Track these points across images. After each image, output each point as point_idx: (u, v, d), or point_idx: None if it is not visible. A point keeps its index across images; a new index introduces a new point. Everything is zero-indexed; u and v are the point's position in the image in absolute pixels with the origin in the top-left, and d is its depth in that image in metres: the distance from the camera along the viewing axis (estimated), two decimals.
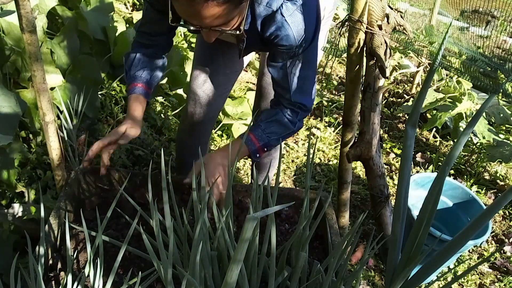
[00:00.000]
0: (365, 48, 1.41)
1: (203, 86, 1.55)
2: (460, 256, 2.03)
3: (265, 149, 1.28)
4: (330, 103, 3.17)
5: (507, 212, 2.41)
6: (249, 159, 2.47)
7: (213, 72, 1.53)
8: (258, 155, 1.28)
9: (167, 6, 1.00)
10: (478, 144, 2.73)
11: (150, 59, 1.33)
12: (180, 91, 2.52)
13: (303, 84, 1.22)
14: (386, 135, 3.00)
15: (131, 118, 1.28)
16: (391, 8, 1.40)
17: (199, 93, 1.56)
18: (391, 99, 3.41)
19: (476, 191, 2.52)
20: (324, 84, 3.41)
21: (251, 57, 1.73)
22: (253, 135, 1.25)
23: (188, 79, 2.40)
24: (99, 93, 2.16)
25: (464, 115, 2.79)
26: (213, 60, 1.53)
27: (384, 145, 2.86)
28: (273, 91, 1.61)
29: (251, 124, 1.29)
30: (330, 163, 2.59)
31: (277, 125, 1.27)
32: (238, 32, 1.01)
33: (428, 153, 2.84)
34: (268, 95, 1.64)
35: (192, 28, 0.98)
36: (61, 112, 1.71)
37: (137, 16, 2.93)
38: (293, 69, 1.18)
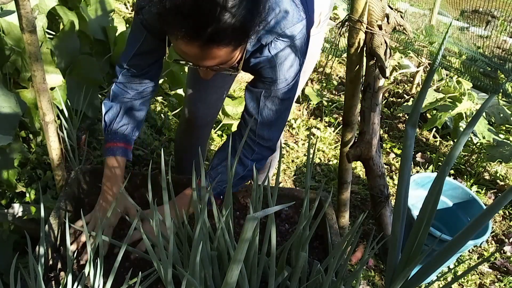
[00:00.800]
0: (365, 48, 1.41)
1: (199, 90, 1.54)
2: (460, 256, 2.03)
3: (221, 197, 1.21)
4: (330, 103, 3.17)
5: (507, 212, 2.41)
6: None
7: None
8: (219, 204, 1.20)
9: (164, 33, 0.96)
10: (478, 144, 2.73)
11: (135, 108, 1.25)
12: (180, 91, 2.52)
13: (273, 119, 1.16)
14: (386, 135, 3.00)
15: (107, 199, 1.19)
16: (391, 8, 1.40)
17: (194, 97, 1.55)
18: (391, 99, 3.41)
19: (476, 191, 2.52)
20: (324, 84, 3.41)
21: None
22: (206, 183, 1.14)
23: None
24: (99, 93, 2.16)
25: (464, 115, 2.79)
26: None
27: (384, 145, 2.86)
28: None
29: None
30: (330, 163, 2.59)
31: (227, 173, 1.19)
32: (236, 71, 1.00)
33: (428, 153, 2.84)
34: None
35: (189, 65, 0.96)
36: (61, 112, 1.71)
37: None
38: (267, 102, 1.14)
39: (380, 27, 1.36)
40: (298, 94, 1.53)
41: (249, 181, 1.37)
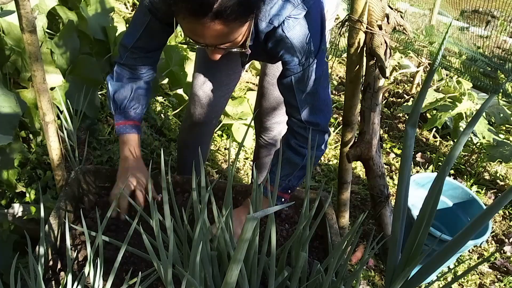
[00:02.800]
0: (365, 48, 1.41)
1: (203, 86, 1.55)
2: (460, 256, 2.03)
3: (289, 191, 1.23)
4: None
5: (507, 212, 2.41)
6: (249, 159, 2.47)
7: (216, 72, 1.52)
8: (283, 199, 1.23)
9: (172, 18, 0.99)
10: (478, 144, 2.73)
11: (141, 87, 1.29)
12: (180, 91, 2.52)
13: (314, 101, 1.16)
14: (386, 135, 3.00)
15: (140, 163, 1.30)
16: (391, 8, 1.40)
17: (199, 93, 1.56)
18: (391, 99, 3.41)
19: (476, 191, 2.52)
20: None
21: None
22: (270, 185, 1.16)
23: (188, 79, 2.40)
24: (99, 93, 2.16)
25: (464, 115, 2.79)
26: (215, 61, 1.53)
27: (384, 145, 2.86)
28: (274, 91, 1.61)
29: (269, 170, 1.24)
30: (330, 163, 2.59)
31: (288, 166, 1.21)
32: (243, 49, 1.01)
33: (428, 153, 2.84)
34: (269, 95, 1.64)
35: (197, 46, 0.98)
36: (61, 112, 1.71)
37: None
38: (300, 86, 1.14)
39: (380, 27, 1.36)
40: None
41: (250, 182, 1.37)
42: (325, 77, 1.17)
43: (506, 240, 2.22)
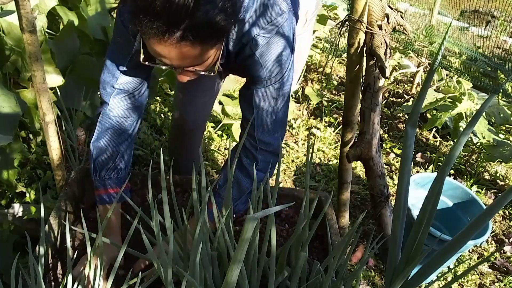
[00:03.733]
0: (365, 48, 1.41)
1: (187, 92, 1.51)
2: (460, 256, 2.03)
3: (233, 215, 1.15)
4: (330, 103, 3.17)
5: (507, 212, 2.41)
6: None
7: (198, 80, 1.49)
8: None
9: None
10: (478, 144, 2.73)
11: (129, 139, 1.18)
12: None
13: (270, 121, 1.12)
14: (386, 135, 3.00)
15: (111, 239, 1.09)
16: (391, 8, 1.40)
17: (183, 99, 1.53)
18: (391, 99, 3.41)
19: (476, 191, 2.52)
20: (324, 84, 3.41)
21: None
22: (214, 208, 1.06)
23: None
24: (99, 93, 2.16)
25: (464, 115, 2.79)
26: None
27: (384, 145, 2.86)
28: None
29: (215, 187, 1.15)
30: (330, 163, 2.59)
31: (237, 188, 1.16)
32: (212, 73, 0.96)
33: (428, 153, 2.84)
34: None
35: (164, 67, 0.93)
36: (61, 112, 1.71)
37: None
38: (261, 102, 1.09)
39: (380, 27, 1.36)
40: (293, 92, 1.48)
41: None
42: (286, 99, 1.13)
43: (506, 240, 2.22)
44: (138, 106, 1.16)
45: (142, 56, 0.94)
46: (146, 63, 0.94)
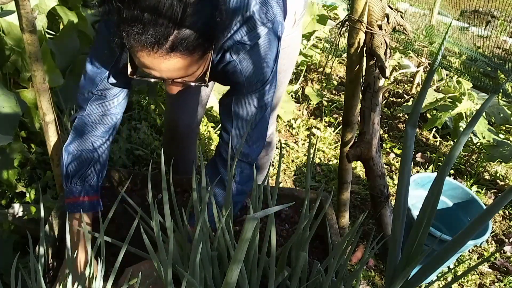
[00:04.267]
0: (365, 48, 1.41)
1: (178, 96, 1.51)
2: (460, 256, 2.03)
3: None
4: (330, 103, 3.17)
5: (507, 212, 2.41)
6: None
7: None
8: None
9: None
10: (478, 144, 2.73)
11: (103, 146, 1.12)
12: None
13: (248, 131, 1.08)
14: (386, 135, 3.00)
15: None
16: (391, 8, 1.40)
17: (175, 104, 1.52)
18: (391, 99, 3.41)
19: (476, 191, 2.52)
20: (324, 84, 3.41)
21: None
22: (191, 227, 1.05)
23: None
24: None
25: (464, 115, 2.79)
26: None
27: (384, 145, 2.86)
28: None
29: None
30: (330, 163, 2.59)
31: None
32: (202, 83, 0.94)
33: (428, 153, 2.84)
34: None
35: (153, 80, 0.91)
36: (61, 112, 1.71)
37: None
38: (240, 111, 1.06)
39: (380, 27, 1.36)
40: (293, 91, 1.47)
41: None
42: (267, 109, 1.09)
43: (506, 240, 2.22)
44: (115, 113, 1.11)
45: (130, 70, 0.91)
46: (134, 77, 0.91)
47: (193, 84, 0.93)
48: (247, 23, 0.96)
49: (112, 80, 1.06)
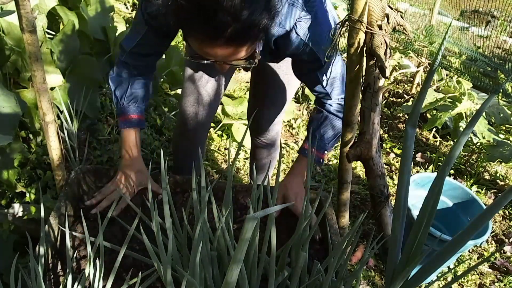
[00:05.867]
0: (365, 48, 1.41)
1: (196, 89, 1.54)
2: (460, 256, 2.03)
3: (325, 152, 1.35)
4: None
5: (507, 212, 2.41)
6: (249, 159, 2.47)
7: (213, 70, 1.52)
8: (322, 161, 1.33)
9: (171, 30, 1.02)
10: (478, 144, 2.73)
11: (142, 81, 1.32)
12: (180, 91, 2.53)
13: (340, 83, 1.25)
14: (386, 135, 3.00)
15: (136, 162, 1.30)
16: (391, 8, 1.40)
17: (192, 97, 1.55)
18: (391, 99, 3.41)
19: (476, 191, 2.52)
20: None
21: None
22: (313, 149, 1.27)
23: None
24: (99, 93, 2.16)
25: (464, 115, 2.79)
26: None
27: (384, 145, 2.86)
28: (268, 90, 1.61)
29: (308, 135, 1.30)
30: (330, 163, 2.59)
31: (330, 129, 1.32)
32: (252, 63, 1.04)
33: (428, 153, 2.84)
34: (263, 96, 1.63)
35: (205, 62, 1.00)
36: (61, 112, 1.71)
37: None
38: (325, 73, 1.20)
39: (380, 27, 1.35)
40: (288, 100, 1.60)
41: (250, 181, 1.38)
42: (340, 60, 1.24)
43: (506, 240, 2.22)
44: (150, 65, 1.32)
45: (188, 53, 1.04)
46: (189, 58, 1.03)
47: (243, 64, 1.03)
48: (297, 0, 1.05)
49: (141, 47, 1.23)
